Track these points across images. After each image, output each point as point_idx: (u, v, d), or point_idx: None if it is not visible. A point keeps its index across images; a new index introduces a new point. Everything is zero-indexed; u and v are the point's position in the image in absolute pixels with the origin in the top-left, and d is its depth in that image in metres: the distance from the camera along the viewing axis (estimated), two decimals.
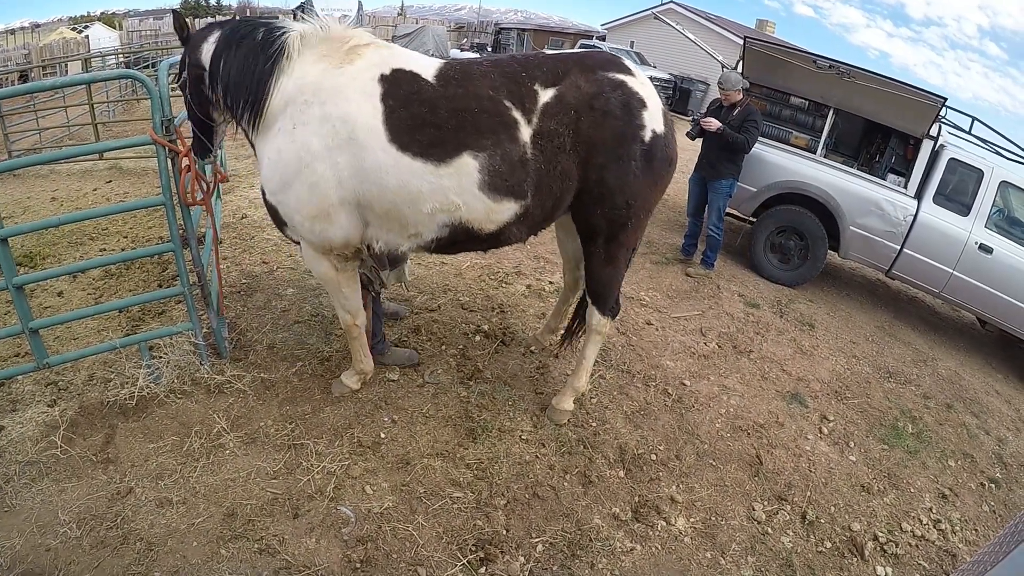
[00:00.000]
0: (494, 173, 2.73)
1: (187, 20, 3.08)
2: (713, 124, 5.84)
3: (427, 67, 2.82)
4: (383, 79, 2.72)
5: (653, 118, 2.96)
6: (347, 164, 2.69)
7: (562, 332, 4.11)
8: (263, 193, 2.92)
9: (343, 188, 2.73)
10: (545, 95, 2.81)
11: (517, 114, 2.76)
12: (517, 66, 2.90)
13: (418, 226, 2.85)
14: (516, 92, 2.79)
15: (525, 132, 2.76)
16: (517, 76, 2.84)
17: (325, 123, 2.66)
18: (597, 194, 2.98)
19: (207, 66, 2.88)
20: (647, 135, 2.93)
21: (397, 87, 2.71)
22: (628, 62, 3.11)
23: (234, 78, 2.79)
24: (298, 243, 3.12)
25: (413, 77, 2.75)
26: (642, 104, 2.93)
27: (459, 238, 2.91)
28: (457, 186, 2.72)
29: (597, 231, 3.15)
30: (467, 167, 2.70)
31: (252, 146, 3.02)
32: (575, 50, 3.75)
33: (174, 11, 3.24)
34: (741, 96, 6.10)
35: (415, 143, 2.66)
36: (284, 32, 2.79)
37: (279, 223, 3.00)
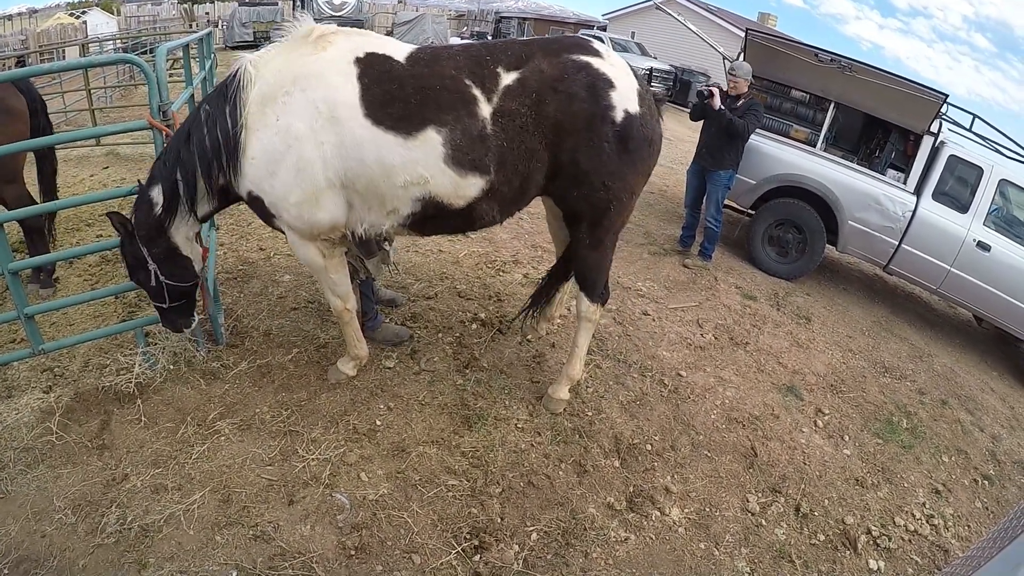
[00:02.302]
0: (456, 147, 2.80)
1: (124, 218, 2.97)
2: (716, 100, 5.81)
3: (399, 50, 2.92)
4: (358, 61, 2.81)
5: (624, 98, 2.96)
6: (330, 143, 2.75)
7: (529, 306, 4.02)
8: (248, 192, 2.90)
9: (328, 168, 2.78)
10: (507, 77, 2.89)
11: (477, 92, 2.84)
12: (484, 50, 3.00)
13: (395, 201, 2.90)
14: (478, 73, 2.88)
15: (484, 109, 2.83)
16: (481, 59, 2.93)
17: (308, 106, 2.72)
18: (572, 176, 3.03)
19: (162, 204, 2.90)
20: (618, 116, 2.94)
21: (371, 67, 2.80)
22: (598, 44, 3.12)
23: (203, 155, 2.81)
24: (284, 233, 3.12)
25: (385, 59, 2.85)
26: (609, 84, 2.94)
27: (431, 212, 2.96)
28: (424, 158, 2.80)
29: (580, 215, 3.18)
30: (431, 141, 2.78)
31: (229, 199, 3.06)
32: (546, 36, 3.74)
33: (110, 215, 2.96)
34: (747, 89, 6.08)
35: (387, 117, 2.75)
36: (233, 76, 2.80)
37: (266, 215, 3.00)
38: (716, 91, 5.88)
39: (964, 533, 3.70)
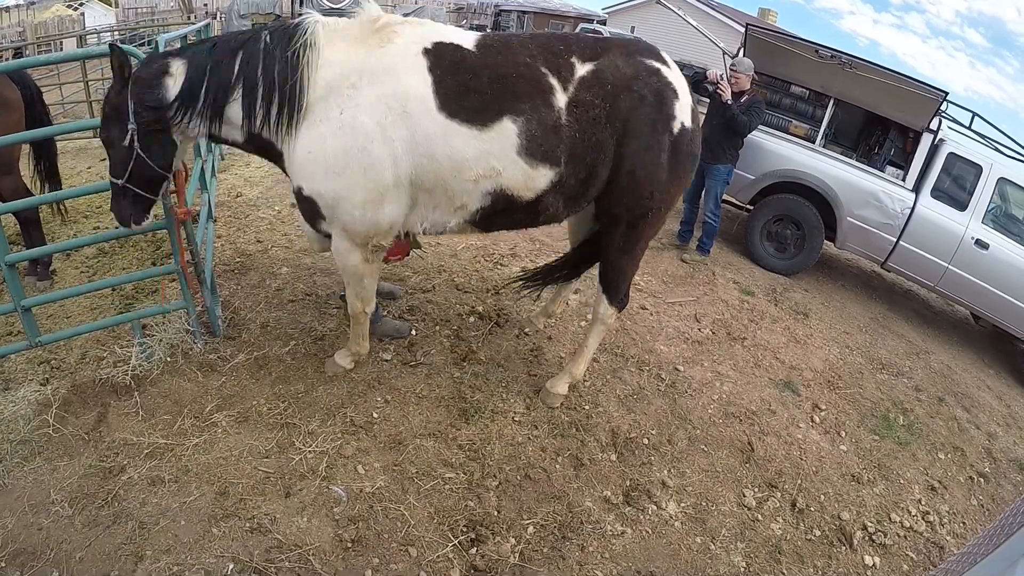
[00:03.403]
0: (531, 138, 2.76)
1: (127, 60, 2.55)
2: (728, 93, 5.80)
3: (467, 38, 2.87)
4: (427, 52, 2.73)
5: (683, 111, 2.98)
6: (400, 139, 2.68)
7: (538, 273, 4.00)
8: (299, 189, 2.80)
9: (398, 166, 2.71)
10: (582, 68, 2.86)
11: (553, 81, 2.80)
12: (555, 40, 2.97)
13: (464, 196, 2.86)
14: (553, 62, 2.84)
15: (560, 99, 2.80)
16: (554, 48, 2.90)
17: (377, 101, 2.64)
18: (625, 181, 2.99)
19: (179, 91, 2.60)
20: (676, 126, 2.95)
21: (442, 58, 2.74)
22: (664, 53, 3.13)
23: (248, 82, 2.64)
24: (328, 236, 3.04)
25: (455, 48, 2.79)
26: (675, 95, 2.96)
27: (500, 206, 2.92)
28: (499, 150, 2.75)
29: (619, 218, 3.16)
30: (507, 131, 2.74)
31: (268, 154, 2.91)
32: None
33: (111, 45, 2.51)
34: (749, 85, 6.07)
35: (462, 110, 2.69)
36: (302, 25, 2.67)
37: (315, 216, 2.90)
38: (725, 85, 5.86)
39: (959, 530, 3.72)
